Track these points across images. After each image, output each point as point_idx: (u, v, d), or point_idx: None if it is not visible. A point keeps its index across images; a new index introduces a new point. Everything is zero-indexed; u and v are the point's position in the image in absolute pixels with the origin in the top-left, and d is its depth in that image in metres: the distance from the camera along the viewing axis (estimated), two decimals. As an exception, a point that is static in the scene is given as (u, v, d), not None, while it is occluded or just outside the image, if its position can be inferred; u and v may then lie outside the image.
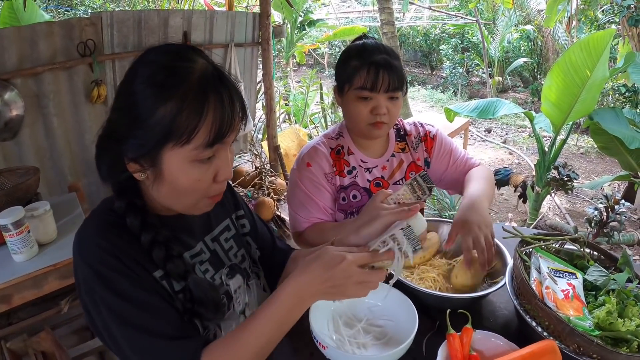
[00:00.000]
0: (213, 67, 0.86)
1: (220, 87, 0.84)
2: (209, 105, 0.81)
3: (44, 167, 2.72)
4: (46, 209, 1.77)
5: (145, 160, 0.84)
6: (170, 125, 0.79)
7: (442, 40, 10.83)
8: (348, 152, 1.54)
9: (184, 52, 0.85)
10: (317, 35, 9.67)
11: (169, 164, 0.83)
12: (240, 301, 1.10)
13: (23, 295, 1.68)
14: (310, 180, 1.49)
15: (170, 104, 0.79)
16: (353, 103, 1.42)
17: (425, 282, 1.23)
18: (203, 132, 0.81)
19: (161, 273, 0.90)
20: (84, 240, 0.88)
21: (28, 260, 1.70)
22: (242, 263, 1.15)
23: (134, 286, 0.84)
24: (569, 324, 0.94)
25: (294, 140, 4.47)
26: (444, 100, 9.07)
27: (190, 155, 0.83)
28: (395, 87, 1.37)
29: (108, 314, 0.83)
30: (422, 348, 1.05)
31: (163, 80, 0.81)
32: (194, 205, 0.92)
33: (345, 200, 1.52)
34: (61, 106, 2.75)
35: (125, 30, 2.94)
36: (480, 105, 3.99)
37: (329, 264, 0.83)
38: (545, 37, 8.90)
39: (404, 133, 1.62)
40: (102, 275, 0.83)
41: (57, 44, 2.62)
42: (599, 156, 6.14)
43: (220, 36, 3.59)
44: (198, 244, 1.05)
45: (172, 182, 0.86)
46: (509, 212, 4.60)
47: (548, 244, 1.22)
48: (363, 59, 1.38)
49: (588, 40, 3.34)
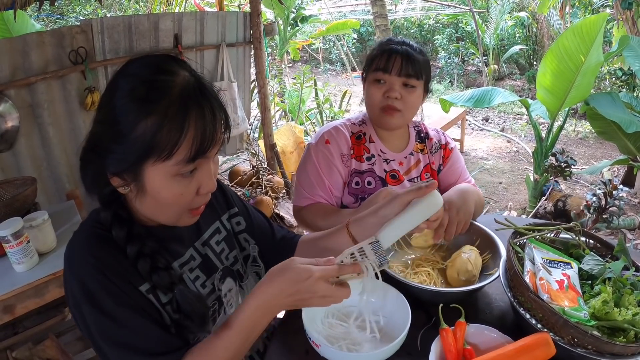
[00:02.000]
0: (195, 79, 0.86)
1: (201, 100, 0.83)
2: (190, 120, 0.81)
3: (42, 176, 2.72)
4: (44, 218, 1.77)
5: (127, 174, 0.84)
6: (151, 140, 0.79)
7: (436, 31, 10.81)
8: (369, 140, 1.58)
9: (165, 64, 0.85)
10: (311, 31, 9.64)
11: (151, 179, 0.84)
12: (232, 303, 1.11)
13: (25, 304, 1.69)
14: (325, 158, 1.52)
15: (151, 119, 0.79)
16: (369, 86, 1.50)
17: (419, 277, 1.23)
18: (184, 147, 0.81)
19: (148, 286, 0.91)
20: (72, 255, 0.89)
21: (29, 270, 1.70)
22: (233, 265, 1.16)
23: (118, 304, 0.85)
24: (562, 316, 0.93)
25: (290, 138, 4.46)
26: (440, 90, 9.05)
27: (172, 170, 0.83)
28: (409, 74, 1.43)
29: (93, 328, 0.85)
30: (417, 343, 1.05)
31: (144, 94, 0.80)
32: (177, 218, 0.93)
33: (358, 185, 1.55)
34: (56, 115, 2.75)
35: (116, 36, 2.94)
36: (476, 94, 3.99)
37: (296, 279, 0.84)
38: (540, 24, 8.86)
39: (424, 136, 1.66)
40: (88, 291, 0.84)
41: (49, 53, 2.61)
42: (597, 141, 6.13)
43: (212, 37, 3.58)
44: (188, 251, 1.05)
45: (154, 196, 0.86)
46: (509, 202, 4.60)
47: (542, 234, 1.22)
48: (383, 47, 1.48)
49: (581, 25, 3.33)
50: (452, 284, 1.21)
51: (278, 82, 6.67)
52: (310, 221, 1.50)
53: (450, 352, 0.95)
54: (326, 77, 10.20)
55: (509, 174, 5.34)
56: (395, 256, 1.36)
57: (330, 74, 10.91)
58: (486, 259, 1.27)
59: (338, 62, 11.23)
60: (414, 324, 1.01)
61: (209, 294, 1.06)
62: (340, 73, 10.99)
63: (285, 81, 6.82)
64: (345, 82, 9.44)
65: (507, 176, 5.28)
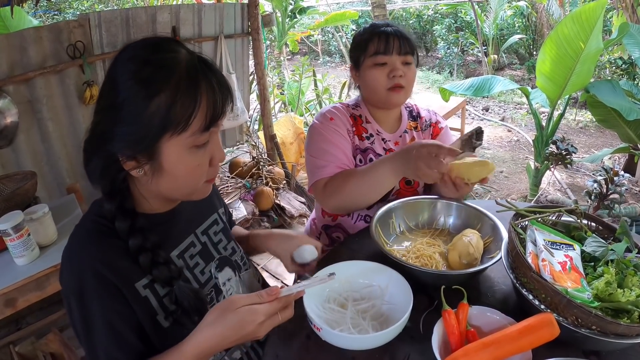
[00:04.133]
0: (195, 55, 0.88)
1: (207, 72, 0.86)
2: (202, 90, 0.83)
3: (42, 171, 2.72)
4: (45, 211, 1.77)
5: (142, 155, 0.85)
6: (166, 116, 0.81)
7: (435, 21, 10.72)
8: (366, 121, 1.61)
9: (163, 44, 0.86)
10: (309, 22, 9.60)
11: (168, 155, 0.85)
12: (232, 293, 1.12)
13: (27, 297, 1.69)
14: (333, 131, 1.53)
15: (164, 96, 0.81)
16: (370, 71, 1.52)
17: (420, 260, 1.23)
18: (199, 117, 0.83)
19: (146, 281, 0.92)
20: (72, 248, 0.91)
21: (30, 263, 1.71)
22: (232, 255, 1.17)
23: (103, 308, 0.87)
24: (565, 296, 0.92)
25: (289, 129, 4.45)
26: (440, 81, 9.01)
27: (188, 142, 0.85)
28: (407, 51, 1.49)
29: (75, 320, 0.88)
30: (419, 326, 1.05)
31: (151, 74, 0.82)
32: (193, 191, 0.94)
33: (362, 162, 1.57)
34: (55, 110, 2.74)
35: (114, 30, 2.93)
36: (475, 83, 3.97)
37: (241, 325, 0.82)
38: (539, 13, 8.81)
39: (416, 114, 1.72)
40: (81, 288, 0.86)
41: (47, 48, 2.61)
42: (598, 130, 6.11)
43: (210, 29, 3.56)
44: (189, 237, 1.06)
45: (171, 171, 0.87)
46: (512, 192, 4.60)
47: (543, 216, 1.21)
48: (373, 30, 1.52)
49: (580, 12, 3.31)
50: (454, 268, 1.20)
51: (277, 73, 6.65)
52: (340, 187, 1.44)
53: (453, 334, 0.94)
54: (325, 68, 10.17)
55: (510, 163, 5.33)
56: (396, 241, 1.36)
57: (329, 66, 10.88)
58: (488, 243, 1.27)
59: (337, 54, 11.18)
60: (416, 307, 1.01)
61: (206, 282, 1.07)
62: (339, 65, 10.94)
63: (285, 73, 6.80)
64: (344, 74, 9.40)
65: (508, 165, 5.27)
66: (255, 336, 0.84)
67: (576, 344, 0.97)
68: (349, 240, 1.48)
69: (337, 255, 1.35)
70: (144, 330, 0.93)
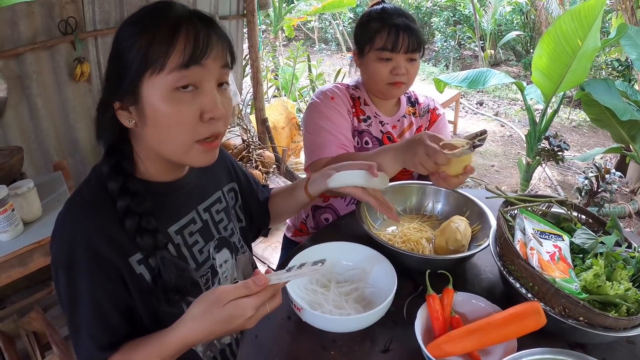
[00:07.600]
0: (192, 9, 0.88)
1: (194, 18, 0.84)
2: (181, 28, 0.81)
3: (30, 147, 2.68)
4: (29, 187, 1.74)
5: (127, 98, 0.84)
6: (144, 54, 0.80)
7: (433, 14, 10.68)
8: (364, 103, 1.61)
9: (165, 2, 0.87)
10: (306, 8, 9.50)
11: (149, 96, 0.82)
12: (227, 276, 1.10)
13: (9, 273, 1.66)
14: (334, 110, 1.52)
15: (146, 36, 0.81)
16: (373, 63, 1.50)
17: (406, 245, 1.22)
18: (177, 52, 0.80)
19: (140, 256, 0.90)
20: (64, 216, 0.88)
21: (13, 239, 1.68)
22: (231, 237, 1.14)
23: (92, 283, 0.85)
24: (553, 285, 0.91)
25: (282, 113, 4.42)
26: (435, 73, 8.97)
27: (168, 82, 0.81)
28: (414, 49, 1.47)
29: (63, 292, 0.87)
30: (402, 311, 1.04)
31: (142, 16, 0.84)
32: (184, 149, 0.88)
33: (358, 145, 1.57)
34: (44, 86, 2.69)
35: (107, 6, 2.86)
36: (470, 75, 3.96)
37: (228, 319, 0.80)
38: (538, 10, 8.78)
39: (414, 100, 1.72)
40: (72, 259, 0.84)
41: (38, 23, 2.55)
42: (591, 129, 6.13)
43: (204, 9, 3.44)
44: (191, 213, 1.04)
45: (153, 117, 0.84)
46: (502, 186, 4.61)
47: (533, 205, 1.20)
48: (384, 21, 1.47)
49: (579, 9, 3.29)
50: (441, 254, 1.20)
51: (272, 57, 6.59)
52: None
53: (437, 319, 0.93)
54: (321, 56, 10.08)
55: (502, 157, 5.35)
56: (383, 225, 1.35)
57: (325, 54, 10.80)
58: (476, 230, 1.26)
59: (333, 42, 11.10)
60: (400, 292, 1.00)
61: (204, 262, 1.05)
62: (335, 53, 10.86)
63: (280, 59, 6.74)
64: (340, 62, 9.33)
65: (500, 159, 5.28)
66: (244, 328, 0.82)
67: (562, 335, 0.96)
68: (336, 222, 1.48)
69: (323, 236, 1.33)
70: (136, 310, 0.91)
